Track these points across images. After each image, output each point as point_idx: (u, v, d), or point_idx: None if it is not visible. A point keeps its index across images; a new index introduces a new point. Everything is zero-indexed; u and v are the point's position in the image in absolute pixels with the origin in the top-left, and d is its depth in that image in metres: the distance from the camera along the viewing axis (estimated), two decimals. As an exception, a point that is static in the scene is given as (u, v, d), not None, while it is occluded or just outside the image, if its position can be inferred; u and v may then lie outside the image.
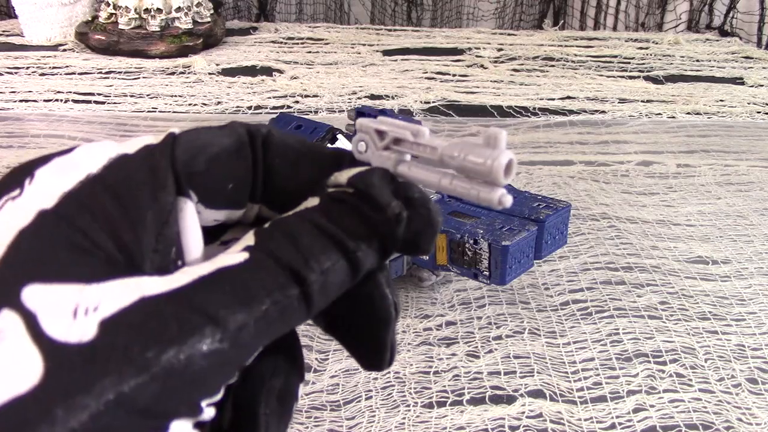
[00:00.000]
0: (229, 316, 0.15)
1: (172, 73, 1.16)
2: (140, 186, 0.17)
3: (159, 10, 1.25)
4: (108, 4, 1.27)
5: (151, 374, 0.14)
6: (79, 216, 0.16)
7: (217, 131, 0.19)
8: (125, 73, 1.16)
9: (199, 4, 1.31)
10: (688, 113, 1.03)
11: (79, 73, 1.15)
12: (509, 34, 1.50)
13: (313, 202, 0.18)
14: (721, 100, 1.09)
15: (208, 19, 1.32)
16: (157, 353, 0.15)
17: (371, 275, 0.19)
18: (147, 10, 1.25)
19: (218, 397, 0.16)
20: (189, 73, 1.17)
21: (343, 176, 0.19)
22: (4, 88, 1.06)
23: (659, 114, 1.03)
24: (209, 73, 1.16)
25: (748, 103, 1.07)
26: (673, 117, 1.02)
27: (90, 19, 1.32)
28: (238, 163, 0.19)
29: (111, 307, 0.15)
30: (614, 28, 1.56)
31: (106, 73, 1.16)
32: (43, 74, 1.14)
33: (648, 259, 0.63)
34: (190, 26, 1.28)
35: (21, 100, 1.01)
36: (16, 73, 1.15)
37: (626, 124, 0.98)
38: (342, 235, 0.17)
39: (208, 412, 0.16)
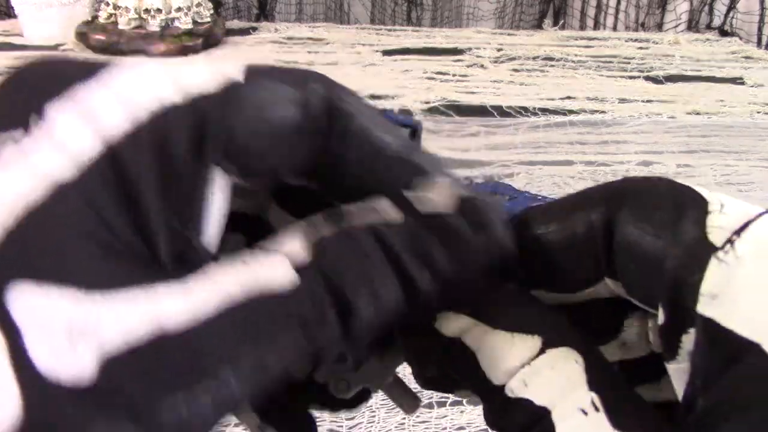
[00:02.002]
0: (252, 365, 0.12)
1: (172, 73, 1.16)
2: (178, 152, 0.13)
3: (159, 10, 1.25)
4: (108, 4, 1.27)
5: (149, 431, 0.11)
6: (100, 194, 0.12)
7: (286, 92, 0.15)
8: (125, 73, 1.16)
9: (199, 4, 1.31)
10: (688, 113, 1.03)
11: (79, 73, 1.15)
12: (509, 34, 1.50)
13: (393, 215, 0.15)
14: (721, 100, 1.08)
15: (208, 19, 1.32)
16: (165, 409, 0.12)
17: None
18: (147, 10, 1.25)
19: None
20: (189, 73, 1.17)
21: (445, 192, 0.15)
22: (4, 88, 1.06)
23: (659, 114, 1.02)
24: (209, 73, 1.16)
25: (748, 103, 1.07)
26: (673, 117, 1.02)
27: (90, 19, 1.32)
28: (299, 145, 0.15)
29: (119, 339, 0.12)
30: (614, 28, 1.56)
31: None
32: (43, 74, 1.14)
33: (648, 259, 0.63)
34: (190, 26, 1.28)
35: (21, 100, 1.01)
36: (16, 73, 1.15)
37: (626, 124, 0.98)
38: (413, 267, 0.14)
39: None
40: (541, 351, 0.15)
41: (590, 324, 0.17)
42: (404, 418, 0.45)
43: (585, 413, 0.14)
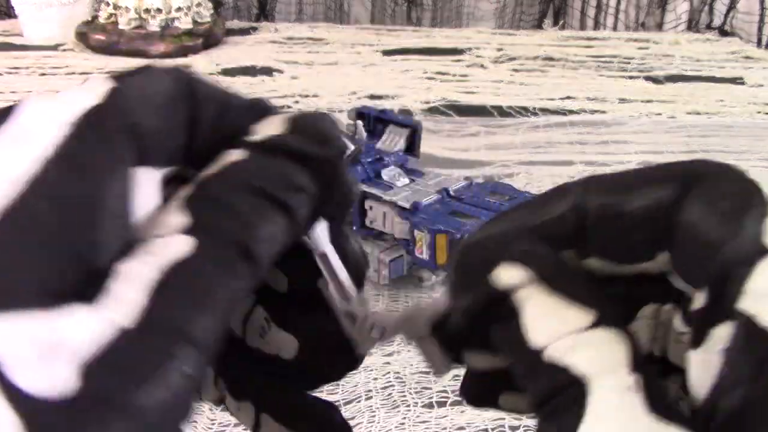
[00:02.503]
0: (198, 328, 0.13)
1: (172, 73, 1.16)
2: (97, 161, 0.14)
3: (159, 10, 1.25)
4: (108, 4, 1.28)
5: (137, 419, 0.12)
6: (38, 215, 0.13)
7: (153, 74, 0.16)
8: (125, 73, 1.16)
9: (199, 4, 1.31)
10: (688, 113, 1.03)
11: (79, 73, 1.15)
12: (509, 34, 1.50)
13: (236, 155, 0.16)
14: (721, 100, 1.08)
15: (208, 19, 1.32)
16: (144, 396, 0.12)
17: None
18: (147, 10, 1.26)
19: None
20: (189, 73, 1.17)
21: (274, 122, 0.17)
22: (4, 88, 1.06)
23: (659, 114, 1.03)
24: (209, 73, 1.16)
25: (748, 103, 1.07)
26: (673, 117, 1.02)
27: (90, 19, 1.32)
28: (179, 112, 0.16)
29: (90, 346, 0.13)
30: (614, 28, 1.56)
31: (106, 73, 1.16)
32: (43, 74, 1.14)
33: (648, 259, 0.63)
34: (190, 26, 1.28)
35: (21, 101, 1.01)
36: (16, 73, 1.15)
37: (626, 124, 0.98)
38: (280, 192, 0.15)
39: None
40: (594, 325, 0.15)
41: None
42: (404, 418, 0.45)
43: (623, 392, 0.14)
